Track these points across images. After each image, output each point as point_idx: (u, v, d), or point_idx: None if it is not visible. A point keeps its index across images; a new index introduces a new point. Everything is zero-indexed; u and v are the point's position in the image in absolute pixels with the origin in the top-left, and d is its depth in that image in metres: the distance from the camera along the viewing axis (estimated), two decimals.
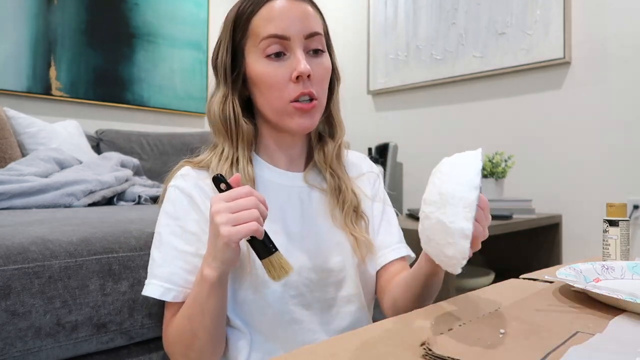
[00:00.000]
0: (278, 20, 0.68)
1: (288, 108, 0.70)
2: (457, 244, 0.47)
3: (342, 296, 0.76)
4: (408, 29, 2.66)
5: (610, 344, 0.44)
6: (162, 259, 0.69)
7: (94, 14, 2.54)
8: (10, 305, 0.69)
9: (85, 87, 2.51)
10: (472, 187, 0.47)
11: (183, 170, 0.74)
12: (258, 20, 0.70)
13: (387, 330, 0.49)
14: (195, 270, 0.68)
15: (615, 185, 1.97)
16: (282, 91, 0.69)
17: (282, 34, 0.68)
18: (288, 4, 0.69)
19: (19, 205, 1.30)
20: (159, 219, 0.72)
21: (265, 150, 0.78)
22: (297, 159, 0.80)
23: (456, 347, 0.42)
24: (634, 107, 1.93)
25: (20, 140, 1.88)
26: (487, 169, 1.95)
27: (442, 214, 0.48)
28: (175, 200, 0.71)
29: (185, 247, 0.69)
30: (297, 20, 0.69)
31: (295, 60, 0.69)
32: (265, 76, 0.70)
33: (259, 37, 0.69)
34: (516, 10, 2.23)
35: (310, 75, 0.69)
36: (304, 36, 0.70)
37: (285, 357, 0.42)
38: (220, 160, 0.73)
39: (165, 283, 0.68)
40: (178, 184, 0.72)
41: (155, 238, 0.72)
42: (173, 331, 0.68)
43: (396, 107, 2.77)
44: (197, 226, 0.70)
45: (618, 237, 0.83)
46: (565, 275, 0.65)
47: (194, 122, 3.05)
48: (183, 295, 0.68)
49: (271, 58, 0.69)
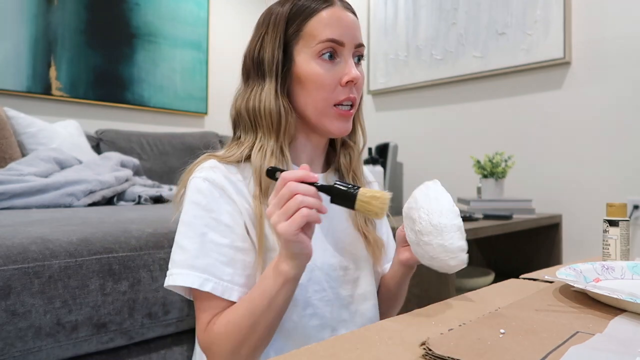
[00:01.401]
0: (336, 26, 0.72)
1: (330, 111, 0.73)
2: (458, 257, 0.61)
3: (359, 294, 0.79)
4: (408, 29, 2.66)
5: (610, 344, 0.44)
6: (197, 250, 0.68)
7: (94, 14, 2.54)
8: (10, 305, 0.69)
9: (85, 87, 2.51)
10: (456, 214, 0.62)
11: (210, 163, 0.73)
12: (316, 23, 0.73)
13: (387, 330, 0.49)
14: (231, 262, 0.68)
15: (615, 185, 1.97)
16: (329, 93, 0.73)
17: (339, 39, 0.72)
18: (343, 13, 0.74)
19: (19, 205, 1.30)
20: (186, 209, 0.71)
21: (292, 148, 0.79)
22: (317, 160, 0.82)
23: (456, 347, 0.42)
24: (633, 107, 1.93)
25: (20, 140, 1.88)
26: (487, 168, 1.95)
27: (441, 239, 0.61)
28: (207, 192, 0.70)
29: (221, 239, 0.69)
30: (351, 29, 0.74)
31: (347, 66, 0.73)
32: (315, 76, 0.72)
33: (316, 40, 0.72)
34: (516, 10, 2.23)
35: (357, 82, 0.73)
36: (355, 45, 0.74)
37: (285, 357, 0.42)
38: (265, 153, 0.73)
39: (202, 274, 0.67)
40: (207, 176, 0.71)
41: (183, 228, 0.70)
42: (222, 328, 0.66)
43: (396, 107, 2.77)
44: (230, 218, 0.70)
45: (618, 237, 0.83)
46: (565, 275, 0.65)
47: (194, 122, 3.05)
48: (221, 288, 0.67)
49: (324, 60, 0.72)
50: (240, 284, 0.69)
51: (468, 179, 2.35)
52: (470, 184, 2.34)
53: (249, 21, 3.35)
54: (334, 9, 0.74)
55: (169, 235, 0.93)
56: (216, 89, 3.13)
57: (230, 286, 0.68)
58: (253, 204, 0.71)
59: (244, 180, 0.73)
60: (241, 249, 0.69)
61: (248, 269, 0.70)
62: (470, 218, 1.63)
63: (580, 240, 2.06)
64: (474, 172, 2.02)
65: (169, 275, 0.69)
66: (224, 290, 0.67)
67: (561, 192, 2.12)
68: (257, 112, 0.74)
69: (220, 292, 0.67)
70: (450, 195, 0.65)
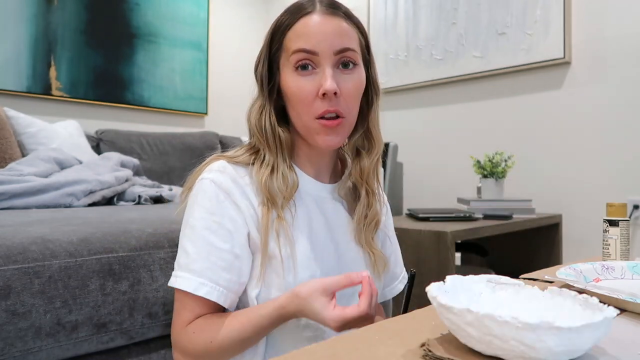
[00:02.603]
0: (309, 35, 0.69)
1: (314, 124, 0.70)
2: None
3: None
4: (408, 29, 2.66)
5: (611, 344, 0.44)
6: (196, 253, 0.68)
7: (94, 14, 2.54)
8: (10, 305, 0.69)
9: (85, 87, 2.51)
10: None
11: (219, 165, 0.73)
12: (291, 34, 0.71)
13: (387, 330, 0.49)
14: (229, 268, 0.68)
15: (615, 185, 1.97)
16: (309, 106, 0.70)
17: (310, 49, 0.69)
18: (321, 20, 0.70)
19: (19, 205, 1.30)
20: (191, 211, 0.71)
21: (297, 158, 0.79)
22: (324, 170, 0.80)
23: (456, 348, 0.42)
24: (633, 107, 1.93)
25: (20, 140, 1.88)
26: (487, 168, 1.95)
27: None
28: (212, 194, 0.70)
29: (221, 243, 0.69)
30: (329, 35, 0.69)
31: (322, 77, 0.69)
32: (294, 90, 0.70)
33: (290, 51, 0.70)
34: (516, 10, 2.23)
35: (337, 92, 0.69)
36: (334, 52, 0.69)
37: (285, 357, 0.42)
38: (262, 167, 0.73)
39: (199, 278, 0.67)
40: (215, 178, 0.71)
41: (187, 230, 0.71)
42: (202, 343, 0.67)
43: (396, 107, 2.77)
44: (232, 224, 0.70)
45: (618, 237, 0.83)
46: (565, 275, 0.65)
47: (194, 122, 3.05)
48: (216, 292, 0.67)
49: (299, 72, 0.70)
50: (234, 291, 0.69)
51: (468, 179, 2.35)
52: (470, 184, 2.34)
53: (249, 21, 3.36)
54: (310, 17, 0.70)
55: (169, 235, 0.93)
56: (216, 89, 3.13)
57: (225, 292, 0.68)
58: (260, 211, 0.71)
59: (252, 184, 0.72)
60: (238, 256, 0.69)
61: (243, 277, 0.70)
62: (470, 218, 1.63)
63: (580, 240, 2.06)
64: (474, 172, 2.02)
65: (173, 277, 0.70)
66: (219, 296, 0.68)
67: (561, 192, 2.12)
68: (250, 127, 0.75)
69: (216, 297, 0.67)
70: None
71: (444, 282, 0.49)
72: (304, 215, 0.75)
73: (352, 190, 0.82)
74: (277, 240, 0.70)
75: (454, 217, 1.61)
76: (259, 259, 0.71)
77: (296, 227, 0.72)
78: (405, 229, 1.39)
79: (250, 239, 0.71)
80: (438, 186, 2.53)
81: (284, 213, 0.71)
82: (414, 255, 1.36)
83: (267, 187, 0.70)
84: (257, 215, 0.71)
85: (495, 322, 0.37)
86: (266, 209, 0.70)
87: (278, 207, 0.71)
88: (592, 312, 0.42)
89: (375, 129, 0.79)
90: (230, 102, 3.09)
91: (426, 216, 1.60)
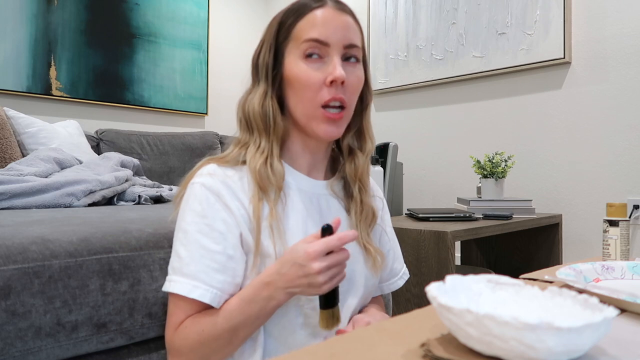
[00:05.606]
0: (321, 26, 0.72)
1: (317, 113, 0.72)
2: None
3: (347, 305, 0.78)
4: (408, 29, 2.66)
5: (611, 344, 0.44)
6: (189, 257, 0.69)
7: (94, 14, 2.54)
8: (10, 305, 0.69)
9: (85, 87, 2.51)
10: None
11: (209, 168, 0.74)
12: (303, 24, 0.73)
13: (387, 330, 0.49)
14: (222, 269, 0.68)
15: (615, 185, 1.97)
16: (315, 93, 0.71)
17: (323, 40, 0.71)
18: (332, 13, 0.73)
19: (19, 205, 1.30)
20: (183, 216, 0.72)
21: (289, 153, 0.79)
22: (318, 165, 0.81)
23: (456, 348, 0.42)
24: (634, 107, 1.93)
25: (20, 140, 1.88)
26: (487, 168, 1.95)
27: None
28: (202, 198, 0.71)
29: (213, 245, 0.69)
30: (339, 29, 0.72)
31: (331, 65, 0.71)
32: (301, 76, 0.72)
33: (301, 40, 0.72)
34: (516, 10, 2.23)
35: (344, 82, 0.71)
36: (344, 45, 0.72)
37: (285, 357, 0.42)
38: (257, 153, 0.74)
39: (192, 281, 0.68)
40: (205, 182, 0.72)
41: (180, 235, 0.71)
42: (196, 335, 0.67)
43: (396, 107, 2.77)
44: (224, 225, 0.70)
45: (618, 237, 0.83)
46: (565, 275, 0.65)
47: (194, 122, 3.05)
48: (209, 294, 0.68)
49: (309, 60, 0.72)
50: (229, 293, 0.70)
51: (468, 179, 2.35)
52: (470, 184, 2.34)
53: (249, 21, 3.36)
54: (323, 9, 0.73)
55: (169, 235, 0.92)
56: (216, 89, 3.13)
57: (219, 294, 0.68)
58: (251, 206, 0.71)
59: (241, 184, 0.73)
60: (232, 257, 0.70)
61: (237, 277, 0.70)
62: (470, 218, 1.63)
63: (580, 240, 2.06)
64: (474, 172, 2.02)
65: (167, 281, 0.70)
66: (213, 298, 0.68)
67: (561, 192, 2.12)
68: (250, 114, 0.76)
69: (209, 299, 0.68)
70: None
71: (443, 282, 0.49)
72: (298, 212, 0.75)
73: (345, 187, 0.83)
74: (271, 238, 0.70)
75: (454, 217, 1.61)
76: (252, 260, 0.71)
77: (290, 224, 0.73)
78: (405, 229, 1.39)
79: (243, 239, 0.71)
80: (438, 186, 2.53)
81: (276, 206, 0.72)
82: (414, 256, 1.36)
83: (260, 174, 0.71)
84: (248, 216, 0.71)
85: (495, 322, 0.37)
86: (257, 199, 0.71)
87: (269, 199, 0.72)
88: (592, 312, 0.42)
89: (369, 128, 0.83)
90: (230, 102, 3.09)
91: (426, 216, 1.61)
